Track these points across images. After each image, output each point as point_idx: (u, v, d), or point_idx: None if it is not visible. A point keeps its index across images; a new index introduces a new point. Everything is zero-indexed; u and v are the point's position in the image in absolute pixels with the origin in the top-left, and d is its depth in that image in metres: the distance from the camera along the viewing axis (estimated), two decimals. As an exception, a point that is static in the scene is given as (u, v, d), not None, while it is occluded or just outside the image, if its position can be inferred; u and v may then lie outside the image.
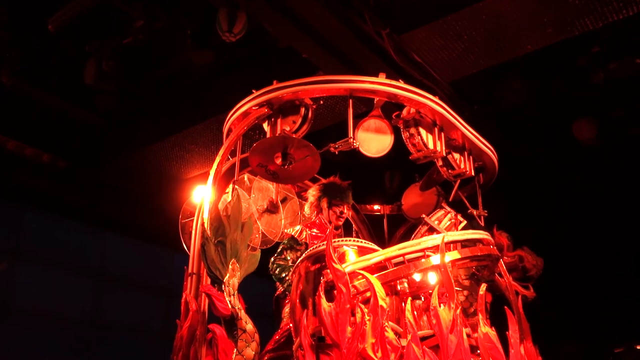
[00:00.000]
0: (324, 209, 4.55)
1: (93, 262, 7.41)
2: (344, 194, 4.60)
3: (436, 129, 4.42)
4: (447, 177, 4.67)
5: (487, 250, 3.98)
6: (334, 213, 4.56)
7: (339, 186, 4.60)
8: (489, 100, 6.37)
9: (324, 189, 4.57)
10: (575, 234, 7.40)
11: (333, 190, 4.58)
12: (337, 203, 4.56)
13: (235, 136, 4.32)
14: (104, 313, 7.19)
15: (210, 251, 3.85)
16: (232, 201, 4.08)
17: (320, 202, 4.56)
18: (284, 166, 4.01)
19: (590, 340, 7.29)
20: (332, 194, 4.57)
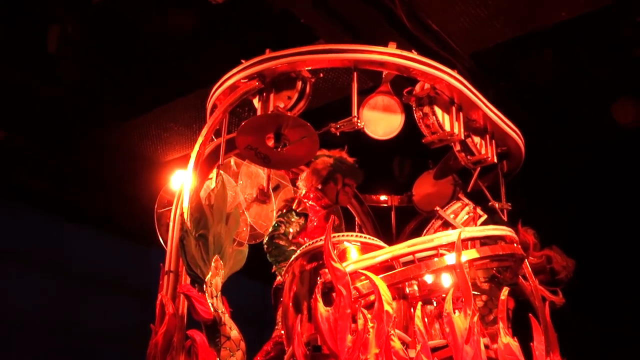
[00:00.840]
0: (333, 186, 4.58)
1: (53, 257, 7.38)
2: (357, 174, 4.67)
3: (454, 108, 4.41)
4: (465, 164, 4.68)
5: (510, 249, 3.99)
6: (345, 194, 4.61)
7: (351, 163, 4.65)
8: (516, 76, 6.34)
9: (338, 162, 4.61)
10: (619, 235, 7.35)
11: (347, 166, 4.62)
12: (350, 182, 4.63)
13: (220, 113, 4.31)
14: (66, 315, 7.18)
15: (190, 246, 3.85)
16: (216, 188, 4.08)
17: (332, 176, 4.59)
18: (277, 149, 4.01)
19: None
20: (346, 170, 4.62)
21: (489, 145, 4.63)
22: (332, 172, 4.60)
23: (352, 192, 4.73)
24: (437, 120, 4.34)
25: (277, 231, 4.35)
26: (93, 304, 7.37)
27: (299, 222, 4.41)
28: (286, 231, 4.35)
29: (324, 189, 4.61)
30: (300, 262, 3.82)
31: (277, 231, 4.35)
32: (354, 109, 4.07)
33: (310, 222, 4.45)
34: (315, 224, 4.46)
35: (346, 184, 4.64)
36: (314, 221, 4.47)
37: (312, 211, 4.47)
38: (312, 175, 4.62)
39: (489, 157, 4.60)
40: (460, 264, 3.59)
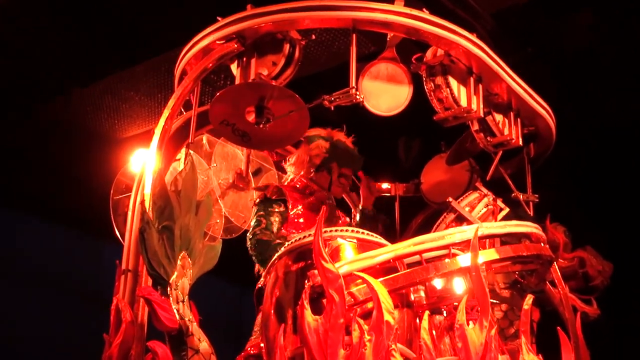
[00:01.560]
0: (326, 175, 4.59)
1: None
2: (357, 162, 4.67)
3: (472, 79, 4.41)
4: (484, 147, 4.68)
5: (537, 250, 4.00)
6: (339, 185, 4.62)
7: (350, 150, 4.65)
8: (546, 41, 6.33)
9: (335, 147, 4.62)
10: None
11: (346, 152, 4.63)
12: (347, 172, 4.63)
13: (191, 81, 4.29)
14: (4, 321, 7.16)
15: (152, 240, 3.85)
16: (185, 172, 4.07)
17: (327, 164, 4.60)
18: (259, 125, 3.99)
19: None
20: (344, 157, 4.62)
21: (514, 125, 4.63)
22: (327, 160, 4.61)
23: (349, 183, 4.74)
24: (452, 94, 4.33)
25: (258, 227, 4.36)
26: (34, 307, 7.33)
27: (280, 211, 4.42)
28: (268, 224, 4.36)
29: (316, 177, 4.62)
30: (284, 261, 3.82)
31: (259, 227, 4.36)
32: (352, 79, 4.05)
33: (294, 208, 4.45)
34: (300, 212, 4.46)
35: (342, 174, 4.64)
36: (298, 210, 4.47)
37: (294, 198, 4.48)
38: (303, 162, 4.62)
39: (513, 139, 4.60)
40: (477, 267, 3.59)
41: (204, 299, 4.11)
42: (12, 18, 6.11)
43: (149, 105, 6.92)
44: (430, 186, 5.46)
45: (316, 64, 5.97)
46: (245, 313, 8.27)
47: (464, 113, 4.36)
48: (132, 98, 6.89)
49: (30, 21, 6.26)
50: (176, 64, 4.56)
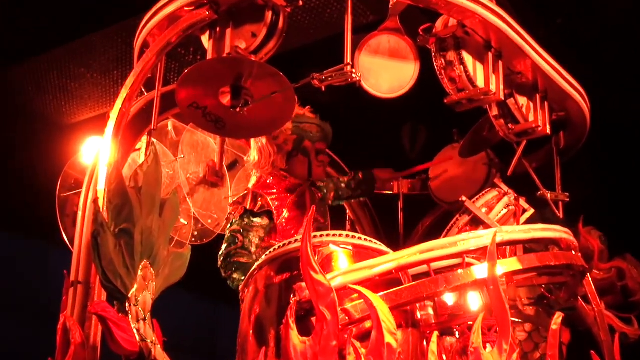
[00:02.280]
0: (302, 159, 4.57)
1: None
2: (327, 131, 4.67)
3: (490, 54, 4.41)
4: (505, 136, 4.69)
5: (567, 259, 4.01)
6: (320, 164, 4.61)
7: (314, 119, 4.65)
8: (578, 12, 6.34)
9: (300, 125, 4.61)
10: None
11: (312, 125, 4.62)
12: (322, 147, 4.62)
13: (153, 56, 4.29)
14: None
15: (107, 246, 3.83)
16: (147, 164, 4.06)
17: (300, 146, 4.58)
18: (235, 108, 3.99)
19: None
20: (313, 131, 4.62)
21: (540, 110, 4.64)
22: (299, 141, 4.60)
23: (327, 160, 4.77)
24: (466, 72, 4.33)
25: (233, 245, 4.35)
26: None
27: (262, 225, 4.40)
28: (246, 242, 4.35)
29: (289, 167, 4.61)
30: (265, 272, 3.81)
31: (234, 245, 4.34)
32: (347, 54, 4.05)
33: (279, 216, 4.44)
34: (286, 217, 4.45)
35: (319, 150, 4.65)
36: (283, 214, 4.46)
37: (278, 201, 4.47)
38: (271, 156, 4.60)
39: (540, 127, 4.61)
40: (495, 279, 3.60)
41: (170, 316, 4.11)
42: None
43: (102, 84, 6.91)
44: (440, 183, 5.47)
45: (304, 35, 5.97)
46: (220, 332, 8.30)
47: (480, 95, 4.36)
48: (83, 75, 6.88)
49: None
50: (136, 35, 4.55)
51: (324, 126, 4.71)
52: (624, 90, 6.78)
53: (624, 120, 6.74)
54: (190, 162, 4.93)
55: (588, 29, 6.45)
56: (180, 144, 4.92)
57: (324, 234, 3.85)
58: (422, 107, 5.02)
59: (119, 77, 6.64)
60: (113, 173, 4.01)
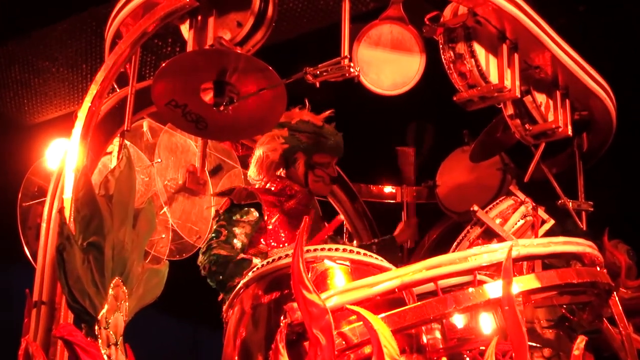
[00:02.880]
0: (294, 171, 4.54)
1: None
2: (334, 144, 4.59)
3: (505, 46, 4.42)
4: (521, 138, 4.69)
5: (591, 276, 4.00)
6: (318, 180, 4.55)
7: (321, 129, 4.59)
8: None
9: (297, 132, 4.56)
10: None
11: (314, 135, 4.57)
12: (323, 160, 4.55)
13: (126, 47, 4.29)
14: None
15: (74, 262, 3.82)
16: (119, 170, 4.06)
17: (290, 156, 4.54)
18: (219, 107, 3.99)
19: None
20: (312, 141, 4.57)
21: (561, 108, 4.65)
22: (289, 152, 4.53)
23: (330, 174, 4.63)
24: (478, 66, 4.34)
25: (215, 239, 4.33)
26: None
27: (249, 221, 4.38)
28: (230, 236, 4.33)
29: (289, 175, 4.57)
30: (253, 291, 3.81)
31: (217, 238, 4.33)
32: (345, 45, 4.05)
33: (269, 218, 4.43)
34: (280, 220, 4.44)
35: (316, 163, 4.58)
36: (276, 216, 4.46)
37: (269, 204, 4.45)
38: (262, 163, 4.57)
39: (560, 127, 4.61)
40: (511, 298, 3.59)
41: (145, 341, 4.10)
42: None
43: (70, 80, 6.91)
44: (448, 190, 5.47)
45: (296, 25, 5.98)
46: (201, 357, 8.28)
47: (494, 92, 4.36)
48: (48, 70, 6.87)
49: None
50: (107, 24, 4.55)
51: (330, 137, 4.57)
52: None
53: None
54: (168, 167, 4.92)
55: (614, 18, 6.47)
56: (157, 146, 4.91)
57: (318, 248, 3.84)
58: (428, 105, 5.02)
59: (88, 71, 6.63)
60: (81, 180, 4.00)
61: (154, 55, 5.57)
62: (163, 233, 4.84)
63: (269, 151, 4.53)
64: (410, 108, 5.23)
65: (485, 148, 5.21)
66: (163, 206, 4.86)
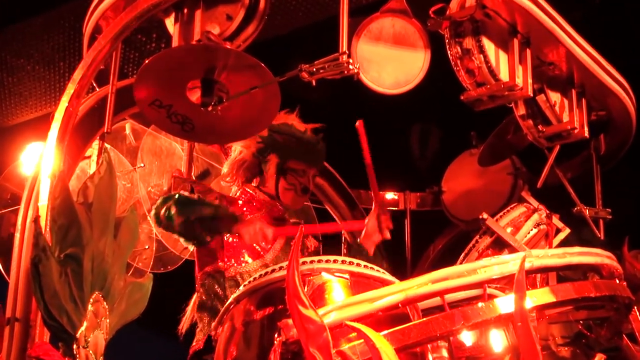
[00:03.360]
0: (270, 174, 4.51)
1: None
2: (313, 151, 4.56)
3: (516, 41, 4.42)
4: (534, 141, 4.69)
5: (610, 289, 4.00)
6: (290, 188, 4.50)
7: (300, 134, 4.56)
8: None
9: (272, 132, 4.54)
10: None
11: (292, 138, 4.55)
12: (299, 166, 4.50)
13: (107, 43, 4.29)
14: None
15: (50, 275, 3.83)
16: (99, 176, 4.06)
17: (264, 155, 4.51)
18: (207, 107, 3.99)
19: None
20: (289, 144, 4.54)
21: (576, 108, 4.64)
22: (263, 151, 4.51)
23: (303, 183, 4.57)
24: (487, 63, 4.33)
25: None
26: None
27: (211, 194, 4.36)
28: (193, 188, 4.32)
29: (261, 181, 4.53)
30: (244, 306, 3.80)
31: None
32: (343, 40, 4.05)
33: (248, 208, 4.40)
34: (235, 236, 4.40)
35: (289, 168, 4.54)
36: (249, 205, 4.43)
37: None
38: (234, 163, 4.53)
39: (576, 129, 4.61)
40: (524, 314, 3.59)
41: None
42: None
43: (46, 78, 6.92)
44: (455, 197, 5.48)
45: (291, 18, 5.98)
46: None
47: (504, 91, 4.36)
48: (23, 68, 6.88)
49: None
50: (86, 18, 4.54)
51: (309, 143, 4.54)
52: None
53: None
54: (151, 173, 4.92)
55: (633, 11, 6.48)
56: (140, 150, 4.91)
57: (314, 259, 3.84)
58: (433, 105, 5.01)
59: (66, 69, 6.64)
60: (58, 186, 4.00)
61: (136, 51, 5.57)
62: (147, 244, 4.84)
63: (242, 148, 4.51)
64: (413, 108, 5.24)
65: (494, 151, 5.21)
66: (147, 214, 4.85)
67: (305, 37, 5.82)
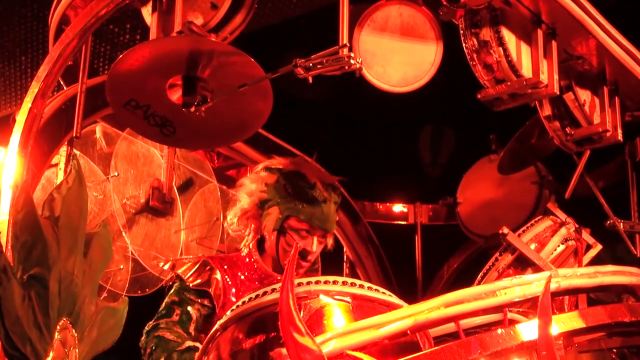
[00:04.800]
0: (268, 231, 4.47)
1: None
2: (321, 207, 4.50)
3: (540, 32, 4.44)
4: (561, 145, 4.70)
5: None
6: (289, 247, 4.44)
7: (307, 186, 4.51)
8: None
9: (279, 181, 4.52)
10: None
11: (297, 189, 4.50)
12: (300, 225, 4.44)
13: (75, 35, 4.31)
14: None
15: (12, 299, 3.84)
16: (67, 186, 4.07)
17: (264, 210, 4.48)
18: (189, 107, 4.01)
19: None
20: (292, 198, 4.50)
21: (608, 108, 4.66)
22: (265, 204, 4.46)
23: (302, 249, 4.47)
24: (508, 57, 4.35)
25: (165, 318, 4.28)
26: None
27: (206, 305, 4.34)
28: (184, 318, 4.30)
29: (268, 237, 4.49)
30: (232, 334, 3.81)
31: (167, 318, 4.28)
32: (343, 32, 4.07)
33: (229, 302, 4.35)
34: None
35: (289, 227, 4.47)
36: (230, 299, 4.39)
37: (240, 285, 4.41)
38: (237, 208, 4.50)
39: (608, 131, 4.63)
40: (550, 341, 3.61)
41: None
42: None
43: (6, 75, 6.93)
44: (472, 209, 5.49)
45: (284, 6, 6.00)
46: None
47: (527, 88, 4.38)
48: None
49: None
50: (51, 7, 4.57)
51: (315, 200, 4.42)
52: None
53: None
54: (127, 182, 4.93)
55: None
56: (114, 157, 4.92)
57: (312, 280, 3.85)
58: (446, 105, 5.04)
59: (28, 65, 6.65)
60: (20, 198, 4.01)
61: (108, 44, 5.58)
62: (121, 263, 4.85)
63: (246, 196, 4.48)
64: (424, 108, 5.25)
65: (516, 157, 5.23)
66: (121, 230, 4.86)
67: (301, 27, 5.84)
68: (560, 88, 4.46)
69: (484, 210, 5.48)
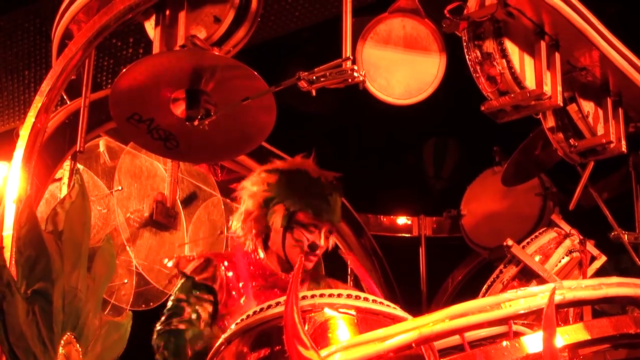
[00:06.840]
0: (275, 228, 4.48)
1: None
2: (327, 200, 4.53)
3: (543, 43, 4.44)
4: (565, 156, 4.69)
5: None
6: (297, 244, 4.47)
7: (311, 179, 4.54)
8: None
9: (282, 179, 4.53)
10: None
11: (301, 185, 4.52)
12: (308, 220, 4.46)
13: (78, 50, 4.30)
14: None
15: (16, 314, 3.83)
16: (70, 200, 4.06)
17: (268, 208, 4.49)
18: (192, 121, 4.00)
19: None
20: (297, 194, 4.51)
21: (612, 119, 4.65)
22: (270, 201, 4.47)
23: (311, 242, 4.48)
24: (511, 69, 4.35)
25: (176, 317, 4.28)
26: None
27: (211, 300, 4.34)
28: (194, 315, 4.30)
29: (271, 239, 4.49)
30: (236, 347, 3.80)
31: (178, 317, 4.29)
32: (346, 45, 4.07)
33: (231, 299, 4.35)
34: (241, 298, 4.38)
35: (298, 223, 4.48)
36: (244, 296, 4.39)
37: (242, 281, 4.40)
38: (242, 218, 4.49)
39: (613, 142, 4.62)
40: (555, 353, 3.60)
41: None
42: None
43: (9, 90, 6.93)
44: (476, 221, 5.48)
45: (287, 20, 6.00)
46: None
47: (530, 100, 4.37)
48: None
49: None
50: (55, 21, 4.57)
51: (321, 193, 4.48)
52: None
53: None
54: (131, 197, 4.92)
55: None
56: (117, 171, 4.92)
57: (316, 294, 3.84)
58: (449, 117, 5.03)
59: (32, 79, 6.65)
60: (24, 213, 4.01)
61: (112, 58, 5.59)
62: (125, 277, 4.84)
63: (249, 198, 4.48)
64: (427, 120, 5.25)
65: (520, 169, 5.22)
66: (125, 244, 4.85)
67: (304, 40, 5.84)
68: (563, 99, 4.45)
69: (488, 222, 5.47)
